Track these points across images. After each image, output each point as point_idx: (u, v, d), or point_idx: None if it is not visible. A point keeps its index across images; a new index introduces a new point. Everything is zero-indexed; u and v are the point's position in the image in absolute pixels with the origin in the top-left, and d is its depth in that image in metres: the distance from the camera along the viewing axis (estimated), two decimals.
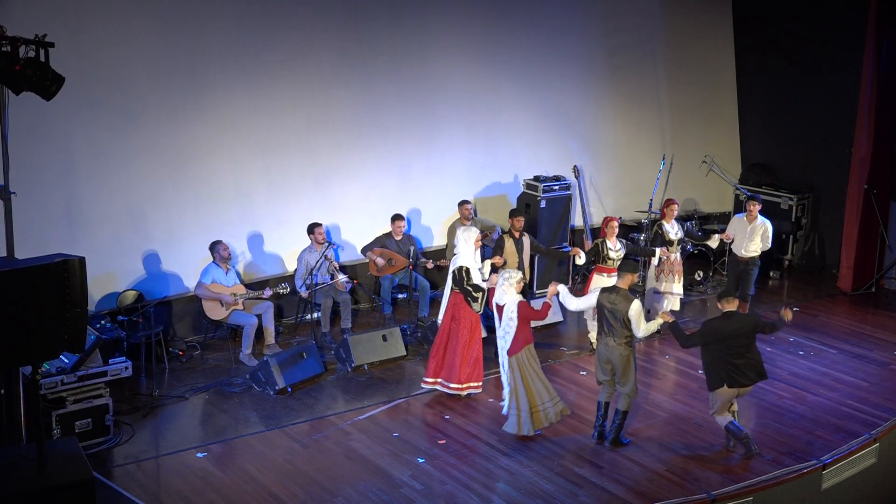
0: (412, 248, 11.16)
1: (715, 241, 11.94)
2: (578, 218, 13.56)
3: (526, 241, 10.87)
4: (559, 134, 13.60)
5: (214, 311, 10.06)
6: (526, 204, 12.63)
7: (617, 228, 10.73)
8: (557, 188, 12.71)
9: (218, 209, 10.81)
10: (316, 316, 10.97)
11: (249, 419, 8.98)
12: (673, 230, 11.42)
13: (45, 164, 9.55)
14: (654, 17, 14.28)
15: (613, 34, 13.91)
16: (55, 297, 6.26)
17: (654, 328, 8.34)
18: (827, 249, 14.30)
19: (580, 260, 10.91)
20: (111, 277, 10.14)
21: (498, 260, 10.41)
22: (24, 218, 8.51)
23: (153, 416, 8.96)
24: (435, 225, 12.51)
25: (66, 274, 6.29)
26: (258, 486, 7.73)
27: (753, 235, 11.38)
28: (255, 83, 10.90)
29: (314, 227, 10.69)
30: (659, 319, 8.41)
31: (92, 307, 9.74)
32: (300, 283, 10.56)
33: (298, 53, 11.16)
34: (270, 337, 10.36)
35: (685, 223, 11.83)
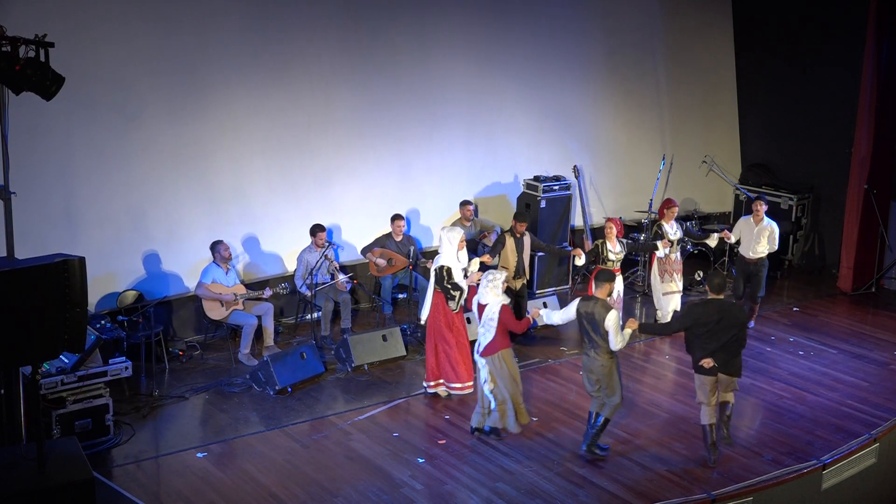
0: (412, 248, 11.16)
1: (714, 240, 11.93)
2: (578, 218, 13.56)
3: (526, 240, 10.87)
4: (559, 134, 13.60)
5: (214, 311, 10.06)
6: (526, 204, 12.63)
7: (615, 230, 10.72)
8: (557, 188, 12.71)
9: (218, 209, 10.82)
10: (316, 316, 10.97)
11: (249, 419, 8.98)
12: (672, 230, 11.43)
13: (44, 164, 9.55)
14: (654, 17, 14.28)
15: (613, 34, 13.92)
16: (55, 297, 6.26)
17: (627, 338, 8.03)
18: (827, 249, 14.30)
19: (580, 261, 10.91)
20: (111, 277, 10.14)
21: (487, 258, 10.44)
22: (24, 218, 8.50)
23: (153, 416, 8.96)
24: (435, 225, 12.50)
25: (66, 274, 6.29)
26: (258, 486, 7.73)
27: (760, 237, 11.37)
28: (255, 83, 10.90)
29: (317, 230, 10.68)
30: (628, 329, 8.09)
31: (92, 307, 9.75)
32: (301, 282, 10.57)
33: (298, 53, 11.16)
34: (270, 337, 10.36)
35: (684, 223, 11.84)
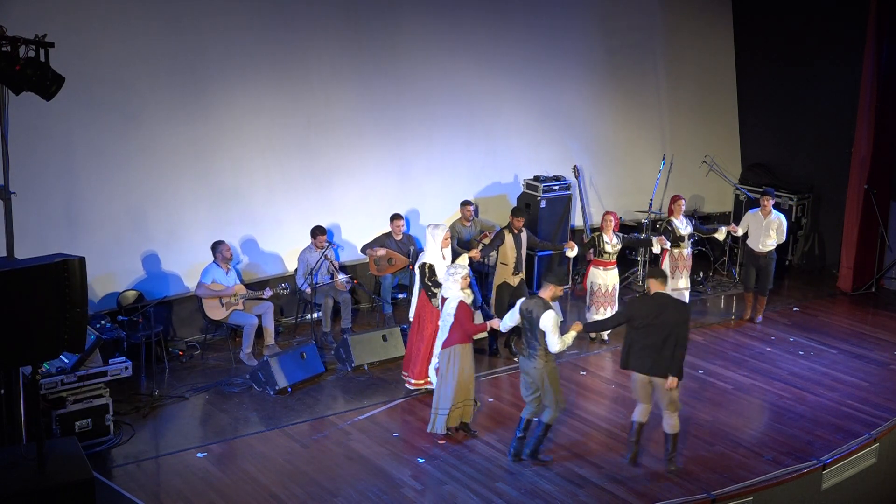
0: (412, 247, 11.16)
1: (722, 233, 12.00)
2: (578, 218, 13.56)
3: (524, 237, 10.88)
4: (559, 134, 13.60)
5: (214, 311, 10.06)
6: (526, 204, 12.63)
7: (613, 223, 10.76)
8: (557, 188, 12.71)
9: (218, 209, 10.81)
10: (316, 316, 10.97)
11: (249, 419, 8.98)
12: (682, 226, 11.47)
13: (45, 164, 9.55)
14: (654, 17, 14.28)
15: (613, 34, 13.91)
16: (55, 297, 6.26)
17: (569, 341, 7.81)
18: (827, 249, 14.30)
19: (571, 252, 10.94)
20: (111, 277, 10.14)
21: (475, 254, 10.44)
22: (24, 218, 8.51)
23: (153, 416, 8.96)
24: None
25: (66, 274, 6.29)
26: (258, 486, 7.73)
27: (769, 230, 11.52)
28: (255, 83, 10.90)
29: (318, 233, 10.67)
30: (573, 332, 7.91)
31: (92, 307, 9.74)
32: (302, 281, 10.56)
33: (299, 53, 11.16)
34: (270, 337, 10.36)
35: (693, 219, 11.88)
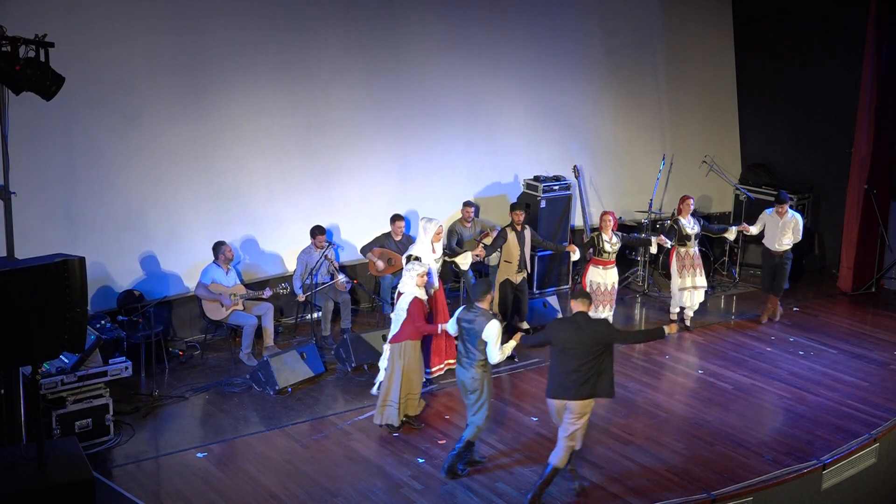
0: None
1: (732, 233, 12.01)
2: (578, 218, 13.55)
3: (527, 234, 10.88)
4: (559, 134, 13.60)
5: (214, 311, 10.06)
6: (526, 204, 12.55)
7: (612, 222, 10.77)
8: (557, 188, 12.71)
9: (218, 209, 10.81)
10: (316, 316, 10.96)
11: (249, 419, 8.98)
12: (689, 225, 11.48)
13: (45, 164, 9.55)
14: (654, 17, 14.28)
15: (613, 34, 13.92)
16: (55, 297, 6.26)
17: (508, 351, 7.68)
18: (827, 249, 14.30)
19: (575, 256, 10.96)
20: (111, 277, 10.14)
21: (480, 251, 10.45)
22: (24, 218, 8.51)
23: (153, 416, 8.96)
24: None
25: (66, 274, 6.29)
26: (258, 486, 7.73)
27: (785, 229, 11.57)
28: (255, 83, 10.90)
29: (317, 232, 10.67)
30: (512, 342, 7.78)
31: (92, 307, 9.74)
32: (298, 283, 10.56)
33: (298, 53, 11.16)
34: (270, 337, 10.35)
35: (701, 218, 11.89)
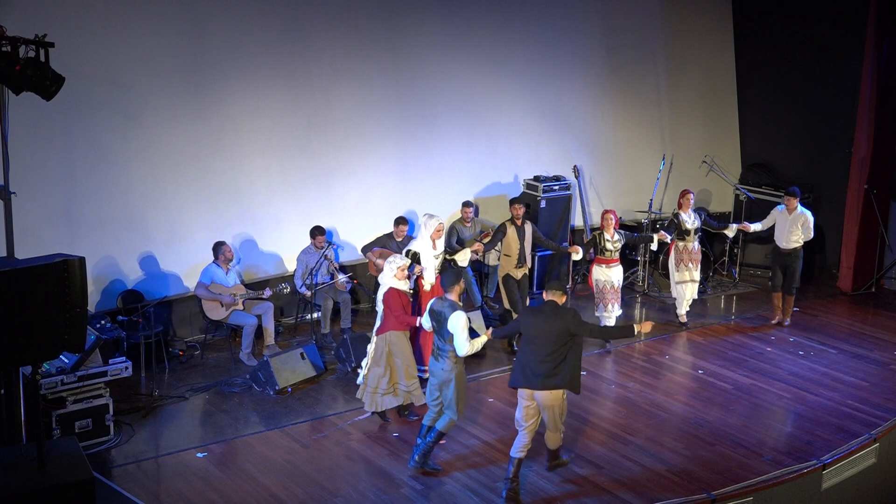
0: None
1: (732, 230, 12.03)
2: (578, 218, 13.56)
3: (528, 228, 10.88)
4: (559, 134, 13.60)
5: (214, 311, 10.06)
6: (526, 204, 12.59)
7: (613, 220, 10.78)
8: (557, 188, 12.72)
9: (218, 209, 10.82)
10: (316, 316, 10.97)
11: (249, 419, 8.98)
12: (689, 219, 11.50)
13: (45, 164, 9.55)
14: (654, 17, 14.28)
15: (613, 34, 13.92)
16: (55, 297, 6.26)
17: (478, 346, 7.58)
18: (827, 249, 14.30)
19: (577, 256, 10.96)
20: (111, 277, 10.14)
21: (479, 247, 10.45)
22: (24, 218, 8.52)
23: (153, 416, 8.96)
24: None
25: (66, 274, 6.29)
26: (258, 486, 7.73)
27: (794, 225, 11.48)
28: (255, 83, 10.90)
29: (317, 233, 10.67)
30: (483, 337, 7.72)
31: (92, 307, 9.75)
32: (300, 282, 10.57)
33: (298, 53, 11.16)
34: (270, 337, 10.36)
35: (702, 213, 11.89)
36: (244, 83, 10.83)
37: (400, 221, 11.24)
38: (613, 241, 10.78)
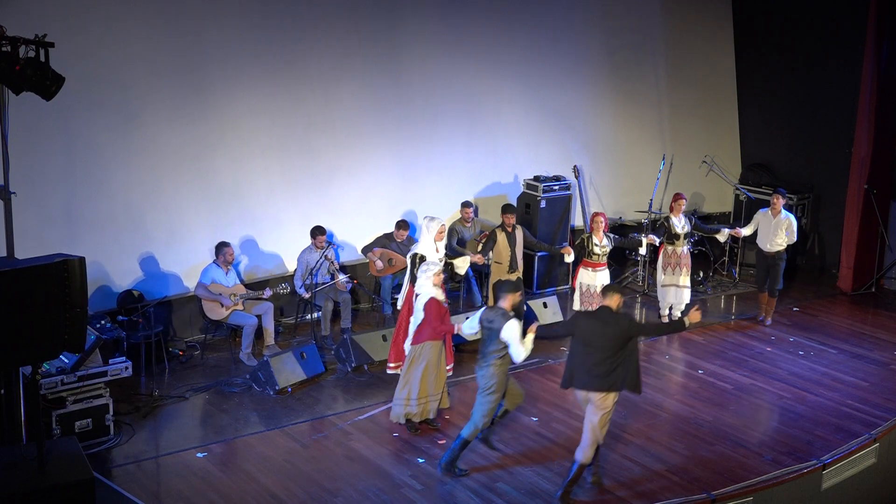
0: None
1: (724, 234, 12.03)
2: (578, 218, 13.56)
3: (519, 234, 10.87)
4: (559, 134, 13.60)
5: (214, 311, 10.06)
6: (526, 204, 12.63)
7: (602, 224, 10.76)
8: (557, 188, 12.72)
9: (218, 209, 10.81)
10: (316, 316, 10.97)
11: (249, 419, 8.98)
12: (679, 224, 11.50)
13: (45, 164, 9.55)
14: (654, 17, 14.28)
15: (613, 34, 13.91)
16: (55, 297, 6.26)
17: (530, 346, 7.65)
18: (827, 249, 14.31)
19: (569, 258, 10.97)
20: (111, 277, 10.14)
21: (479, 259, 10.46)
22: (24, 218, 8.51)
23: (153, 416, 8.96)
24: None
25: (66, 274, 6.30)
26: (258, 486, 7.73)
27: (778, 229, 11.50)
28: (255, 83, 10.90)
29: (317, 233, 10.67)
30: (530, 335, 7.70)
31: (91, 307, 9.74)
32: (300, 283, 10.57)
33: (298, 53, 11.16)
34: (270, 337, 10.36)
35: (693, 217, 11.89)
36: (244, 83, 10.83)
37: (401, 225, 11.24)
38: (602, 245, 10.74)
